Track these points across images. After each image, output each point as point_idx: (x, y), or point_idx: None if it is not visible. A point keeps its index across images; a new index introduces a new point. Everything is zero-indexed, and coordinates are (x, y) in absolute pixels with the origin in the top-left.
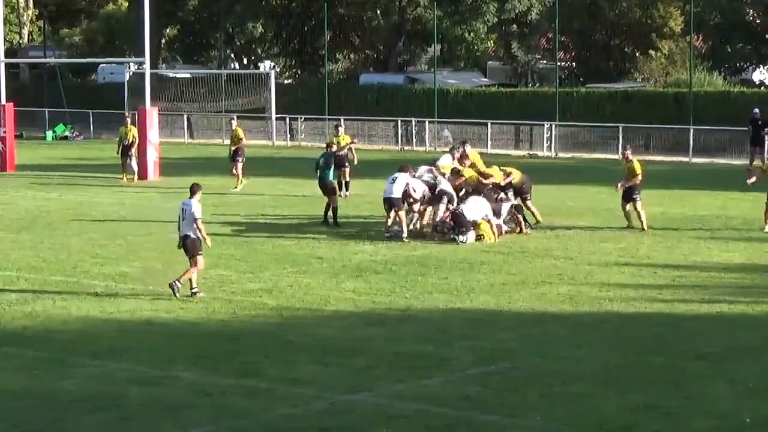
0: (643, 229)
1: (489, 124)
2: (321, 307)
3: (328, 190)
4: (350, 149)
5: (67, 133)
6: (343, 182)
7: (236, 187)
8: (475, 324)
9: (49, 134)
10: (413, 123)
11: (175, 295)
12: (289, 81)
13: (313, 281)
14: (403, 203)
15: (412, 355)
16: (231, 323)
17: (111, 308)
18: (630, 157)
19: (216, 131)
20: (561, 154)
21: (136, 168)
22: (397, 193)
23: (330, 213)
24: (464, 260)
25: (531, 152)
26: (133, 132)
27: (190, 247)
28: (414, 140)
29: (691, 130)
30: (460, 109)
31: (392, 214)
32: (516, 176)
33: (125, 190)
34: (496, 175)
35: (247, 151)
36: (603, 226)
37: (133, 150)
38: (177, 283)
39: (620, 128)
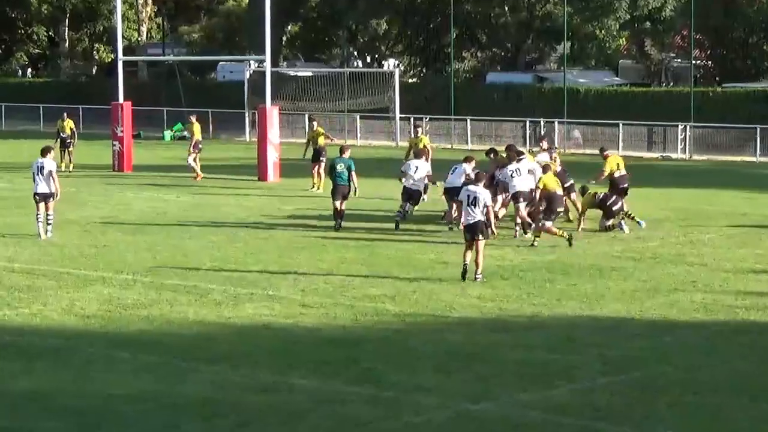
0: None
1: (620, 125)
2: (445, 314)
3: (344, 195)
4: (426, 152)
5: (185, 133)
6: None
7: (316, 188)
8: (604, 332)
9: (167, 134)
10: (542, 124)
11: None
12: (414, 80)
13: (437, 287)
14: None
15: (538, 363)
16: (352, 329)
17: (228, 313)
18: (606, 154)
19: (338, 131)
20: (695, 157)
21: (194, 165)
22: (459, 182)
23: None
24: (593, 266)
25: (664, 154)
26: (196, 129)
27: (480, 230)
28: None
29: None
30: (590, 109)
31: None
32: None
33: (245, 192)
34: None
35: (370, 152)
36: (739, 232)
37: (193, 148)
38: (478, 275)
39: (758, 130)
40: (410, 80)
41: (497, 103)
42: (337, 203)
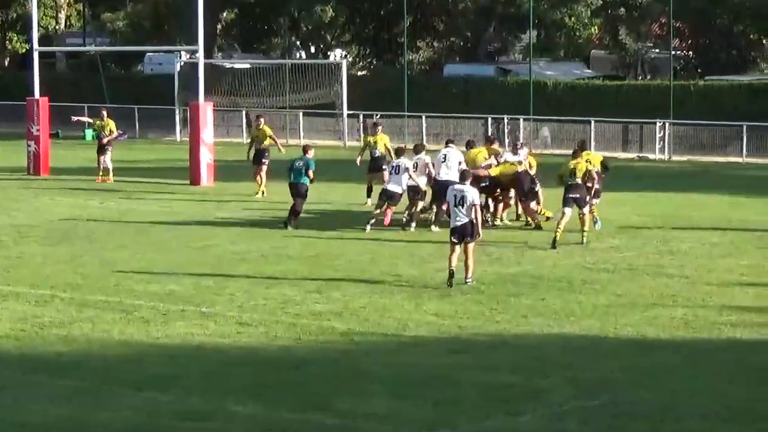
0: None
1: (592, 122)
2: (399, 333)
3: (302, 194)
4: (388, 151)
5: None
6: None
7: (258, 194)
8: (575, 352)
9: (89, 133)
10: (505, 121)
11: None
12: (363, 72)
13: (390, 302)
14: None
15: (503, 386)
16: (294, 350)
17: (157, 332)
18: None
19: (279, 130)
20: (675, 157)
21: (111, 166)
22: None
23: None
24: (563, 279)
25: (641, 154)
26: (111, 126)
27: (468, 232)
28: (506, 140)
29: None
30: (559, 104)
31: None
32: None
33: (175, 198)
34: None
35: (315, 153)
36: (724, 240)
37: (110, 147)
38: (468, 279)
39: (744, 127)
40: (359, 73)
41: (456, 97)
42: (296, 202)
